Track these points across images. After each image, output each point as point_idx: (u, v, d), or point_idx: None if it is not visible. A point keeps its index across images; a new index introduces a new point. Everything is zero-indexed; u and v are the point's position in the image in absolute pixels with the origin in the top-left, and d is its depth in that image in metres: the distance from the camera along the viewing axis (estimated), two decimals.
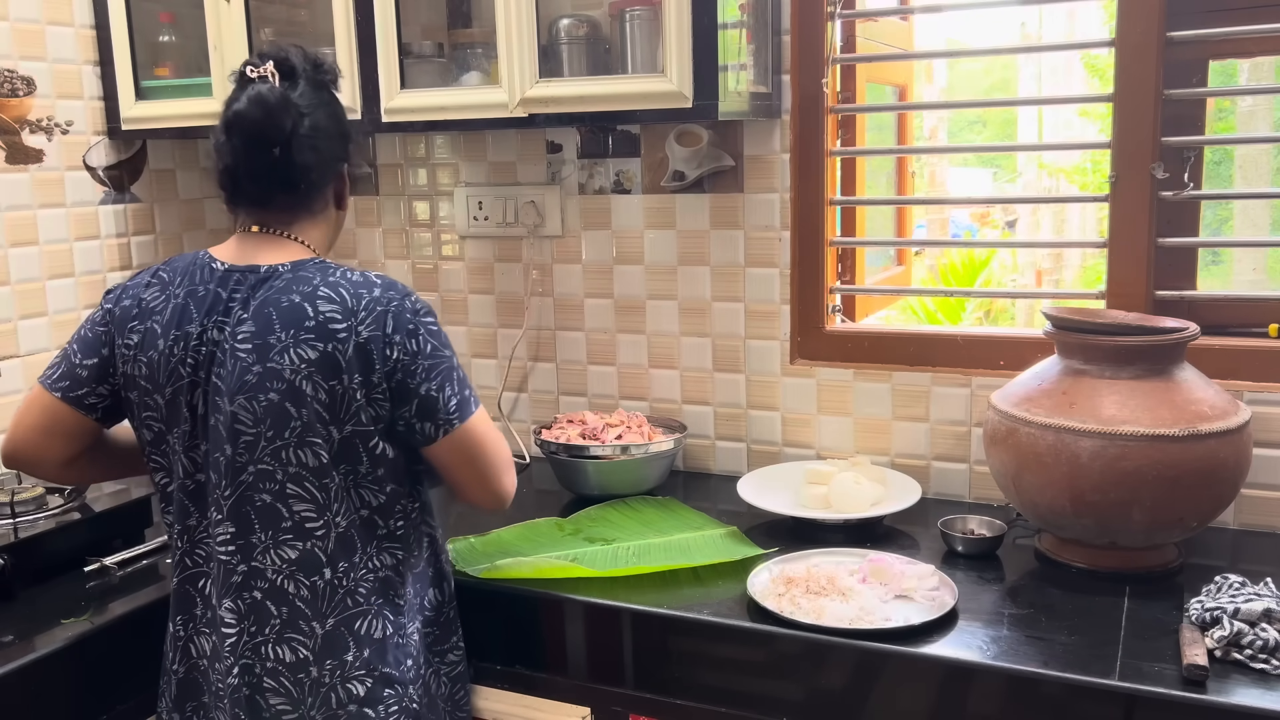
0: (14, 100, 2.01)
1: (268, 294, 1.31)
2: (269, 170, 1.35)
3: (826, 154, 1.98)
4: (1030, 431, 1.53)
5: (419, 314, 1.33)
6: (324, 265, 1.36)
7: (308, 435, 1.29)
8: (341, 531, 1.33)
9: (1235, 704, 1.21)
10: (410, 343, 1.31)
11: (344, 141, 1.43)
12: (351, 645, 1.34)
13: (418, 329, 1.32)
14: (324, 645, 1.33)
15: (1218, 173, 1.92)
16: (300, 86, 1.37)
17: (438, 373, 1.33)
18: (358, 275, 1.34)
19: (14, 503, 1.71)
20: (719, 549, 1.68)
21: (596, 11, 1.95)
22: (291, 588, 1.33)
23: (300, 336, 1.28)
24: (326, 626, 1.33)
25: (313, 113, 1.36)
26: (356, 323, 1.29)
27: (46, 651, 1.42)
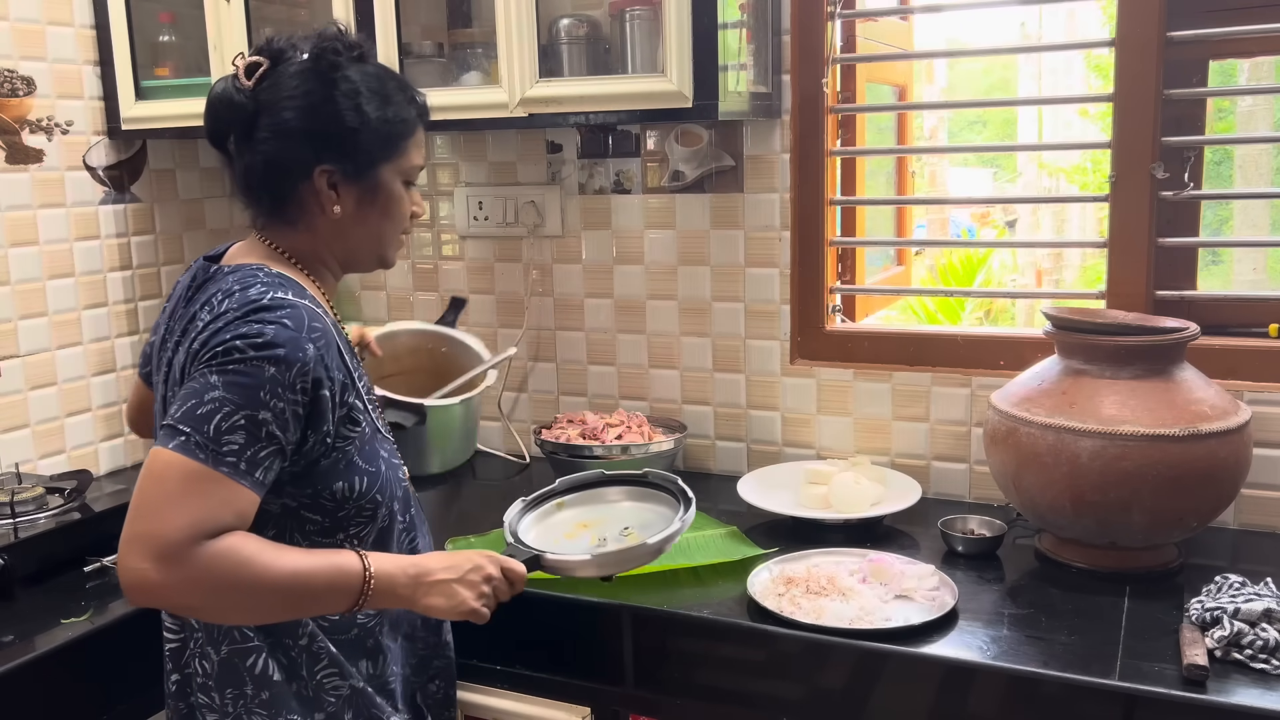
0: (14, 100, 2.01)
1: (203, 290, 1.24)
2: (231, 170, 1.28)
3: (826, 154, 1.98)
4: (1030, 431, 1.53)
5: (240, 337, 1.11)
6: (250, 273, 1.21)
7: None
8: None
9: (1235, 704, 1.21)
10: (203, 351, 1.13)
11: (318, 140, 1.22)
12: (246, 679, 1.23)
13: (218, 346, 1.12)
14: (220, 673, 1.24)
15: (1218, 173, 1.92)
16: (277, 76, 1.23)
17: (186, 387, 1.12)
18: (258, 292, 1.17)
19: (14, 503, 1.71)
20: (719, 549, 1.68)
21: (596, 11, 1.95)
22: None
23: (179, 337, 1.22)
24: (221, 653, 1.24)
25: (274, 108, 1.22)
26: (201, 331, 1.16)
27: (46, 651, 1.42)
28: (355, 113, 1.24)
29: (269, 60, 1.24)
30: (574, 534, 1.49)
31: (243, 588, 1.09)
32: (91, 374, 2.16)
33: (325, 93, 1.23)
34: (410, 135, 1.29)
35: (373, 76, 1.27)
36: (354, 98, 1.24)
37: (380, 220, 1.30)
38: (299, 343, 1.13)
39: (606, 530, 1.47)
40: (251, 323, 1.13)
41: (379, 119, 1.25)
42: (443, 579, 1.21)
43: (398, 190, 1.30)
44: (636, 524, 1.47)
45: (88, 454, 2.15)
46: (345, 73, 1.24)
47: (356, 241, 1.30)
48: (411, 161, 1.30)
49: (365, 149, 1.25)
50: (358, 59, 1.27)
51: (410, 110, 1.29)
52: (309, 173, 1.24)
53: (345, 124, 1.23)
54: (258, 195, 1.27)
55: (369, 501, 1.24)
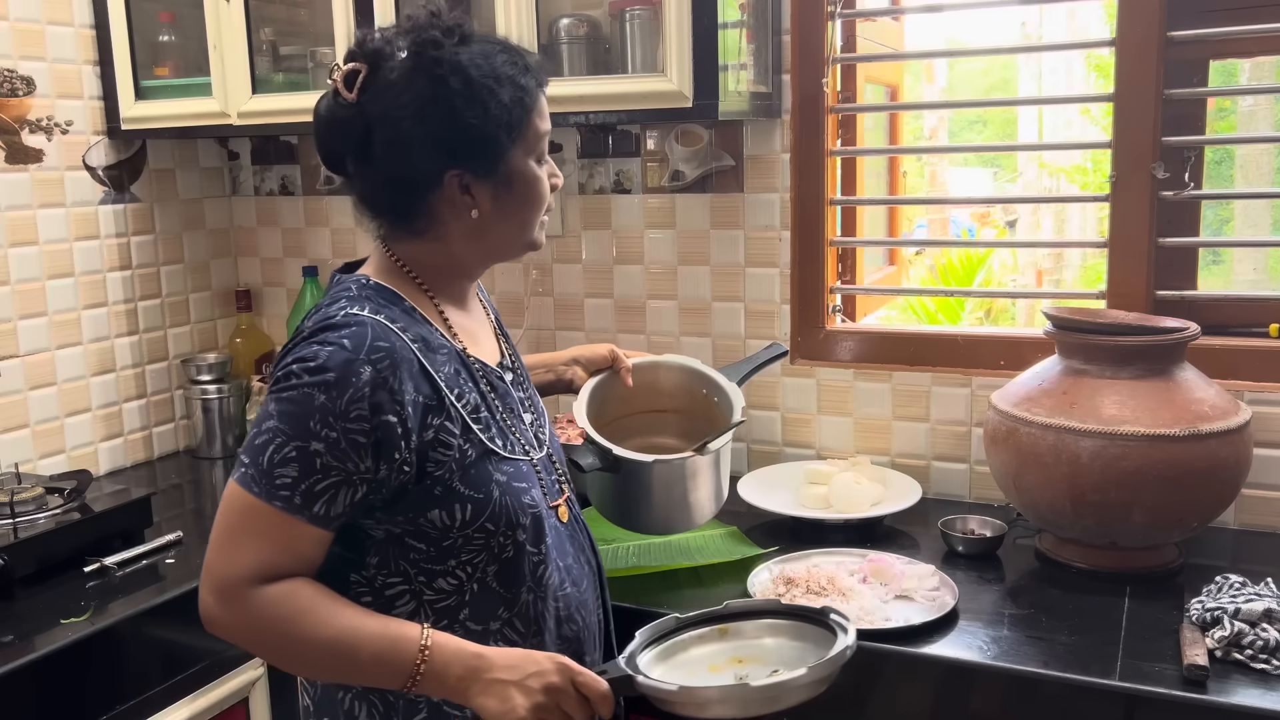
0: (14, 100, 2.01)
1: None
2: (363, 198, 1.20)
3: (826, 154, 1.97)
4: (1030, 431, 1.53)
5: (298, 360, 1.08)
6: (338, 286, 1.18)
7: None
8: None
9: (1236, 704, 1.21)
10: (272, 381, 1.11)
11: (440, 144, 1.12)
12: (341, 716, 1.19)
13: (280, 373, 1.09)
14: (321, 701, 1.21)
15: (1218, 172, 1.92)
16: (380, 82, 1.12)
17: (255, 418, 1.10)
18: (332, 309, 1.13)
19: (14, 503, 1.71)
20: (719, 549, 1.68)
21: (596, 11, 1.95)
22: None
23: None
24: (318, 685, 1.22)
25: (385, 120, 1.12)
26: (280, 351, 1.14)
27: (46, 651, 1.42)
28: (473, 106, 1.11)
29: (367, 64, 1.13)
30: (721, 668, 1.24)
31: (291, 639, 1.07)
32: (91, 374, 2.16)
33: (436, 92, 1.11)
34: (533, 108, 1.17)
35: (480, 57, 1.13)
36: (468, 90, 1.11)
37: (521, 208, 1.19)
38: (353, 367, 1.06)
39: (754, 668, 1.22)
40: (313, 344, 1.08)
41: (498, 105, 1.12)
42: (500, 679, 1.09)
43: (532, 171, 1.18)
44: (786, 663, 1.21)
45: (87, 454, 2.14)
46: (451, 62, 1.12)
47: (498, 237, 1.21)
48: (539, 133, 1.18)
49: (491, 141, 1.13)
50: (460, 42, 1.14)
51: (527, 80, 1.15)
52: (440, 181, 1.14)
53: (466, 121, 1.11)
54: (386, 215, 1.19)
55: (478, 530, 1.14)
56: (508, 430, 1.21)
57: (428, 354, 1.14)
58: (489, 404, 1.20)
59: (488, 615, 1.16)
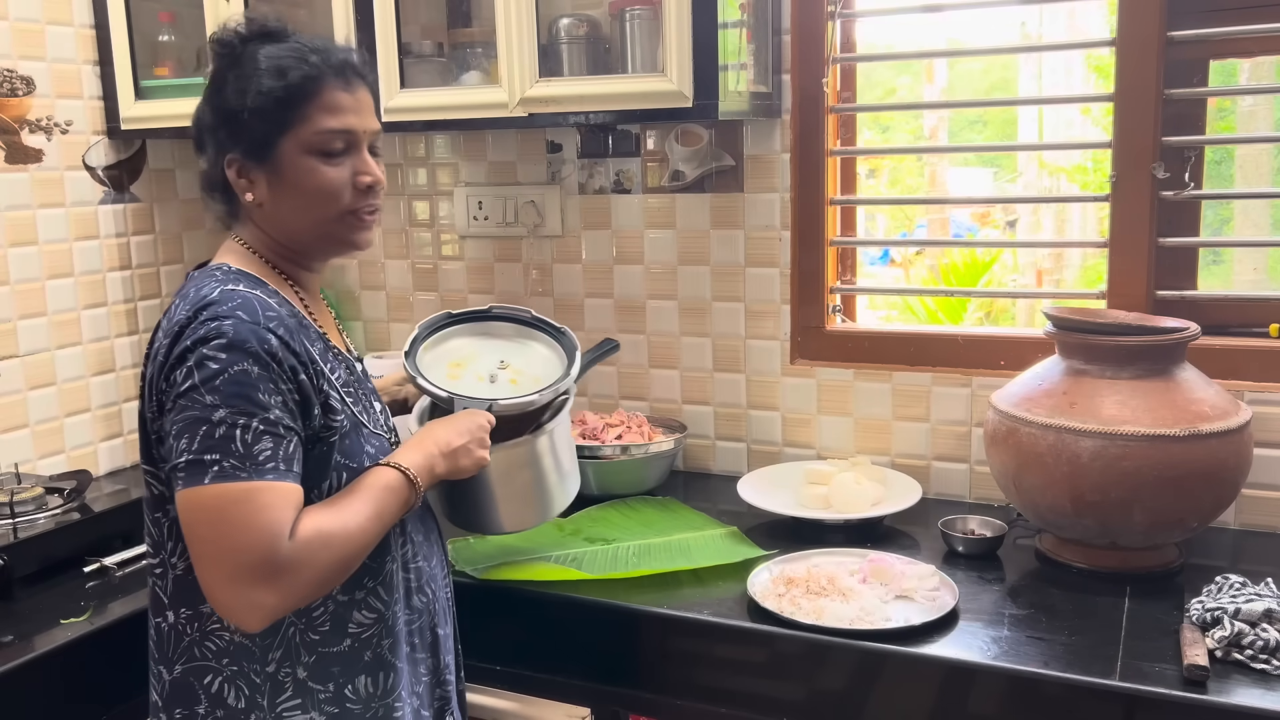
0: (14, 100, 2.01)
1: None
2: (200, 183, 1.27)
3: (826, 154, 1.97)
4: (1031, 431, 1.53)
5: (203, 342, 1.08)
6: (207, 273, 1.19)
7: (144, 464, 1.19)
8: (179, 575, 1.16)
9: (1236, 704, 1.21)
10: (174, 373, 1.09)
11: (221, 131, 1.19)
12: (202, 699, 1.17)
13: (187, 358, 1.08)
14: (171, 692, 1.18)
15: (1218, 172, 1.92)
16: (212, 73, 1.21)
17: (182, 416, 1.07)
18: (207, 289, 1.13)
19: (14, 503, 1.71)
20: (719, 549, 1.68)
21: (596, 11, 1.95)
22: (151, 624, 1.22)
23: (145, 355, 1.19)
24: (175, 672, 1.18)
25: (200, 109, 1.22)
26: (161, 344, 1.13)
27: (46, 651, 1.42)
28: (241, 93, 1.16)
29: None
30: (454, 375, 1.48)
31: (338, 560, 1.11)
32: (91, 374, 2.16)
33: (221, 79, 1.19)
34: (307, 100, 1.16)
35: (267, 52, 1.17)
36: (244, 79, 1.16)
37: (299, 198, 1.19)
38: (259, 333, 1.09)
39: (478, 368, 1.50)
40: (206, 322, 1.08)
41: (265, 92, 1.15)
42: (462, 444, 1.28)
43: (306, 163, 1.17)
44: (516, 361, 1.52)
45: (87, 454, 2.14)
46: (232, 55, 1.18)
47: (291, 226, 1.21)
48: (317, 128, 1.17)
49: (256, 126, 1.16)
50: (259, 38, 1.19)
51: (297, 74, 1.16)
52: (218, 159, 1.20)
53: (233, 106, 1.16)
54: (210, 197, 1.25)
55: None
56: (367, 409, 1.26)
57: (301, 329, 1.18)
58: (350, 382, 1.25)
59: (355, 585, 1.20)
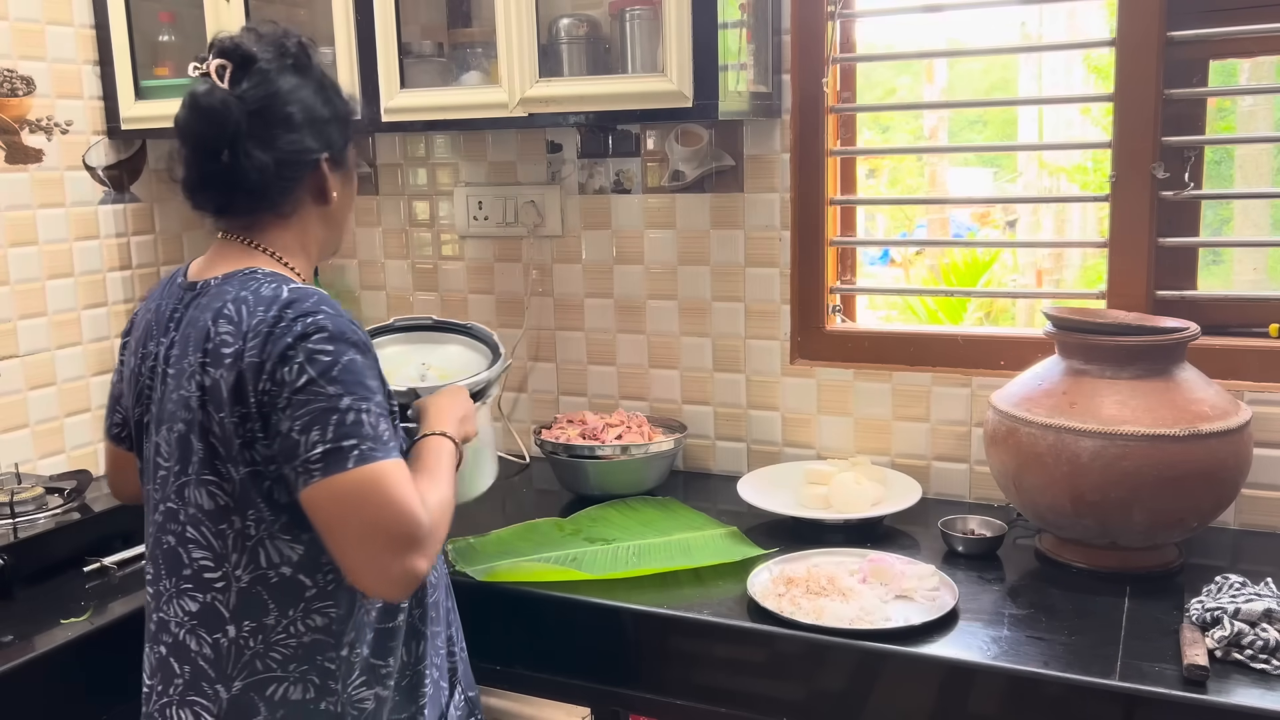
0: (14, 100, 2.01)
1: (194, 312, 1.20)
2: (219, 176, 1.21)
3: (826, 154, 1.97)
4: (1030, 431, 1.53)
5: (306, 336, 1.11)
6: (248, 276, 1.19)
7: (204, 473, 1.15)
8: (244, 587, 1.16)
9: (1235, 704, 1.21)
10: (281, 371, 1.10)
11: (316, 130, 1.24)
12: (262, 710, 1.17)
13: (295, 355, 1.11)
14: (229, 710, 1.18)
15: (1218, 172, 1.92)
16: (258, 75, 1.20)
17: (306, 410, 1.10)
18: (272, 288, 1.16)
19: (14, 503, 1.71)
20: (719, 549, 1.68)
21: (596, 11, 1.95)
22: (194, 644, 1.18)
23: (201, 361, 1.15)
24: (233, 690, 1.17)
25: (271, 106, 1.21)
26: (244, 346, 1.12)
27: (46, 651, 1.42)
28: (333, 101, 1.29)
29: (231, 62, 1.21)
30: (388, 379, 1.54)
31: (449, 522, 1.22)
32: (91, 374, 2.16)
33: (311, 86, 1.26)
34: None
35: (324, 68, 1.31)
36: (327, 88, 1.28)
37: (350, 202, 1.35)
38: (349, 322, 1.17)
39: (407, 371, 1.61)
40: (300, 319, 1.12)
41: (342, 101, 1.31)
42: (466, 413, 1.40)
43: (354, 173, 1.37)
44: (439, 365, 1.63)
45: (87, 454, 2.15)
46: (312, 66, 1.27)
47: (335, 226, 1.34)
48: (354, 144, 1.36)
49: (344, 133, 1.30)
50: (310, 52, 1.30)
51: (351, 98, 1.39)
52: (315, 163, 1.25)
53: (335, 112, 1.28)
54: (263, 195, 1.23)
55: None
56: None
57: None
58: None
59: None
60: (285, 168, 1.23)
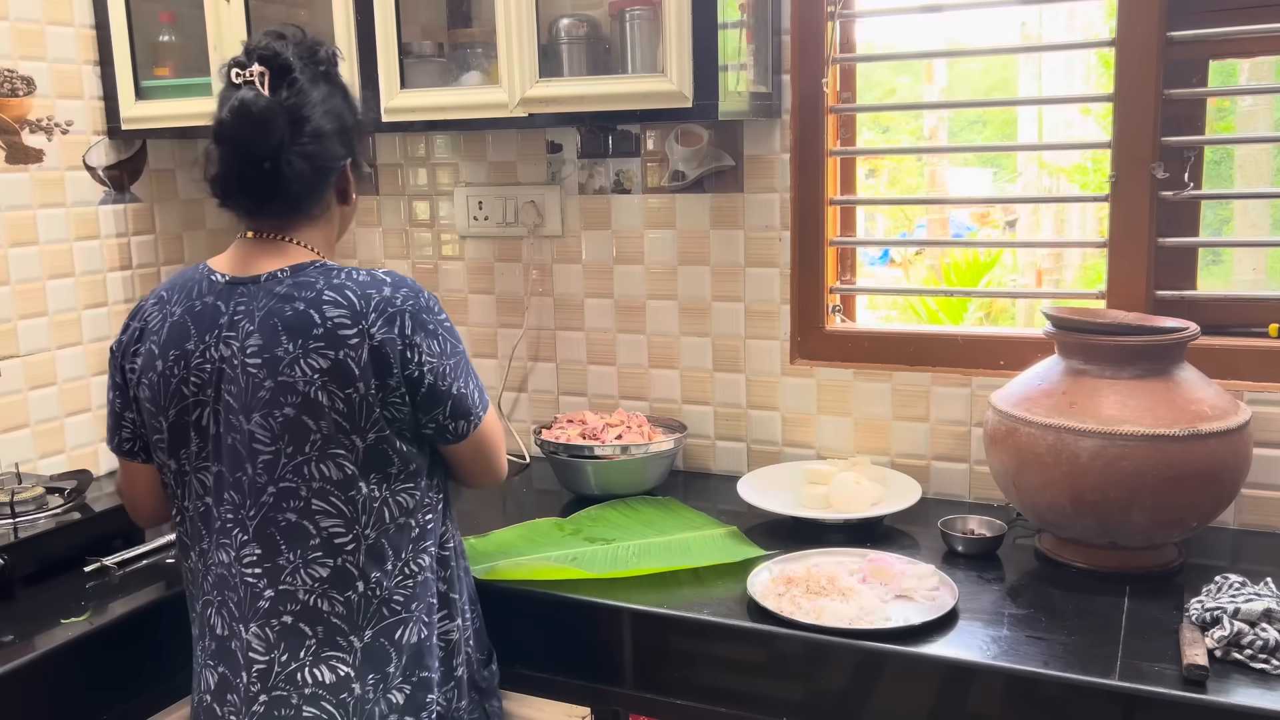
0: (14, 100, 2.01)
1: (270, 303, 1.26)
2: (260, 180, 1.27)
3: (826, 154, 1.97)
4: (1030, 431, 1.53)
5: (434, 312, 1.30)
6: (326, 268, 1.30)
7: (330, 448, 1.25)
8: (371, 543, 1.28)
9: (1235, 704, 1.21)
10: (432, 344, 1.28)
11: (344, 137, 1.34)
12: (392, 654, 1.30)
13: (436, 328, 1.29)
14: (364, 658, 1.29)
15: (1218, 172, 1.92)
16: (297, 84, 1.27)
17: (461, 370, 1.32)
18: (364, 275, 1.29)
19: (14, 503, 1.71)
20: (719, 549, 1.68)
21: (596, 11, 1.95)
22: (325, 605, 1.27)
23: (309, 345, 1.23)
24: (365, 639, 1.29)
25: (309, 115, 1.28)
26: (368, 325, 1.24)
27: (46, 651, 1.42)
28: (355, 108, 1.40)
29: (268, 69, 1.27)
30: None
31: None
32: (91, 374, 2.16)
33: (339, 93, 1.36)
34: None
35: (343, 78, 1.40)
36: (350, 96, 1.39)
37: (352, 207, 1.44)
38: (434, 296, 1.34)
39: None
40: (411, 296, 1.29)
41: (363, 111, 1.45)
42: None
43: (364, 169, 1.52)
44: None
45: (88, 454, 2.15)
46: (333, 75, 1.36)
47: (348, 221, 1.45)
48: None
49: (361, 139, 1.41)
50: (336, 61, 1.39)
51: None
52: (340, 166, 1.36)
53: (356, 120, 1.39)
54: (298, 200, 1.32)
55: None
56: None
57: None
58: None
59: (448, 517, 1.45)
60: (320, 174, 1.32)
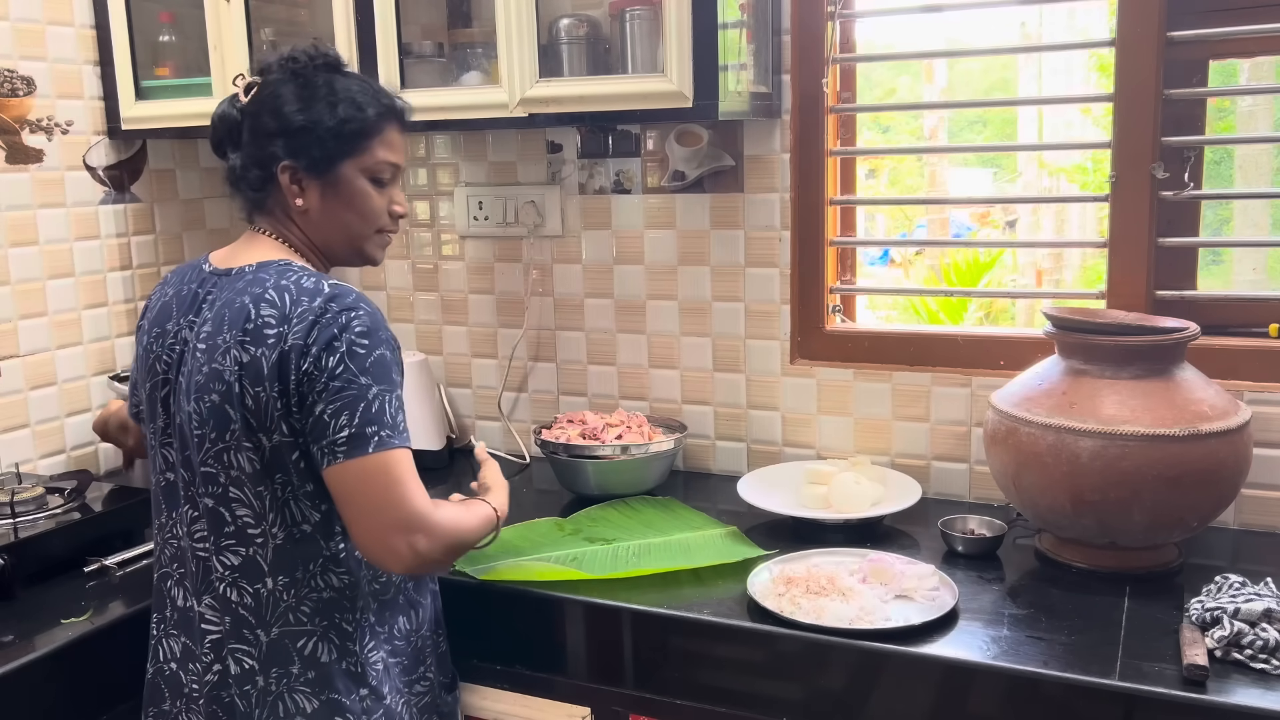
0: (14, 100, 2.01)
1: (228, 295, 1.30)
2: (228, 177, 1.40)
3: (826, 154, 1.97)
4: (1030, 431, 1.53)
5: (348, 329, 1.24)
6: (284, 268, 1.31)
7: (243, 440, 1.26)
8: (279, 544, 1.29)
9: (1235, 704, 1.21)
10: (324, 358, 1.22)
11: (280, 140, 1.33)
12: (295, 660, 1.30)
13: (350, 350, 1.23)
14: (269, 653, 1.30)
15: (1218, 172, 1.92)
16: (264, 88, 1.36)
17: (340, 397, 1.22)
18: (312, 282, 1.28)
19: (14, 503, 1.71)
20: (719, 549, 1.68)
21: (596, 11, 1.95)
22: (235, 595, 1.30)
23: (238, 338, 1.25)
24: (271, 635, 1.30)
25: (255, 115, 1.35)
26: (287, 329, 1.24)
27: (46, 651, 1.42)
28: (311, 112, 1.34)
29: (260, 78, 1.37)
30: None
31: (463, 542, 1.34)
32: (91, 374, 2.16)
33: (291, 95, 1.34)
34: (374, 134, 1.37)
35: (337, 82, 1.37)
36: (315, 100, 1.34)
37: (346, 214, 1.38)
38: (382, 320, 1.29)
39: None
40: (342, 313, 1.25)
41: (333, 116, 1.34)
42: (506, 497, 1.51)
43: (362, 186, 1.37)
44: None
45: (88, 454, 2.15)
46: (305, 75, 1.35)
47: (329, 235, 1.39)
48: (376, 158, 1.38)
49: (323, 145, 1.34)
50: (326, 68, 1.37)
51: (372, 110, 1.37)
52: (276, 169, 1.34)
53: (302, 122, 1.33)
54: (242, 192, 1.38)
55: None
56: None
57: None
58: None
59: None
60: (248, 169, 1.36)
